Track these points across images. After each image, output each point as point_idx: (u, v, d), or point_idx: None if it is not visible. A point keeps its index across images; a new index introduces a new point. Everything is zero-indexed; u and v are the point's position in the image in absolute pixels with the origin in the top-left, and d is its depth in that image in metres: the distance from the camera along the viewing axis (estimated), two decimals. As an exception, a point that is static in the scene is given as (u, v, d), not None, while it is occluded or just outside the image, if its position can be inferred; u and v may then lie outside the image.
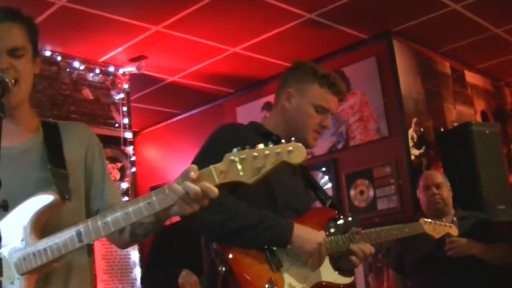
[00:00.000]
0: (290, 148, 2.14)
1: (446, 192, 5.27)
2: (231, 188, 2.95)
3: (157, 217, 2.30)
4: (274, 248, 2.99)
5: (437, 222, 4.20)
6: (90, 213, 2.55)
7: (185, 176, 2.10)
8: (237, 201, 2.96)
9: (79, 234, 2.17)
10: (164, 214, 2.25)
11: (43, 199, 2.25)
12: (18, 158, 2.37)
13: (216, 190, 2.08)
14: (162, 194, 2.12)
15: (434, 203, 5.21)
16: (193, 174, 2.07)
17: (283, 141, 2.19)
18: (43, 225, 2.27)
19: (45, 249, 2.17)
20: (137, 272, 7.17)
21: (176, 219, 5.46)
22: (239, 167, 2.11)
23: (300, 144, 2.18)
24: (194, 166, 2.10)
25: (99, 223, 2.17)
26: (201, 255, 4.81)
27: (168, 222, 2.88)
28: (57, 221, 2.34)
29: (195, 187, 2.06)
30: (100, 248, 6.87)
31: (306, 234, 2.98)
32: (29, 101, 2.53)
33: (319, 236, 3.02)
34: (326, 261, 3.15)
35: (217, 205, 2.87)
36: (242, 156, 2.12)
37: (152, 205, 2.13)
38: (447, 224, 4.28)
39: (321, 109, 3.36)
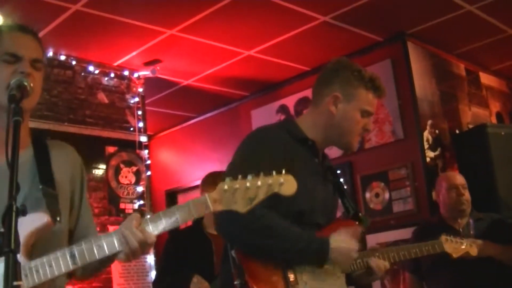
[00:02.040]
0: (282, 180, 2.30)
1: (469, 194, 5.24)
2: None
3: (103, 259, 2.35)
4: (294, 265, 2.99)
5: (459, 240, 4.17)
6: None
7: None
8: (286, 223, 2.96)
9: (73, 256, 2.20)
10: (108, 258, 2.33)
11: (37, 220, 2.26)
12: (7, 175, 2.05)
13: (154, 238, 2.24)
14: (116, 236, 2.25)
15: (460, 203, 5.15)
16: (135, 223, 2.23)
17: (273, 172, 2.31)
18: (32, 245, 2.27)
19: (37, 271, 2.18)
20: (153, 275, 7.18)
21: (190, 223, 5.46)
22: (232, 197, 2.23)
23: (291, 177, 2.33)
24: (137, 215, 2.27)
25: (93, 245, 2.22)
26: (213, 260, 4.81)
27: (181, 227, 2.88)
28: (45, 242, 2.33)
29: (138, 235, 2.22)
30: (116, 251, 6.88)
31: (341, 248, 3.00)
32: (32, 109, 2.54)
33: (352, 244, 3.03)
34: (342, 280, 3.14)
35: (269, 228, 2.91)
36: (235, 187, 2.23)
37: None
38: (468, 243, 4.24)
39: (366, 113, 3.30)
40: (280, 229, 2.94)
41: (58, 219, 2.37)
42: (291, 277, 2.94)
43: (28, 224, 2.21)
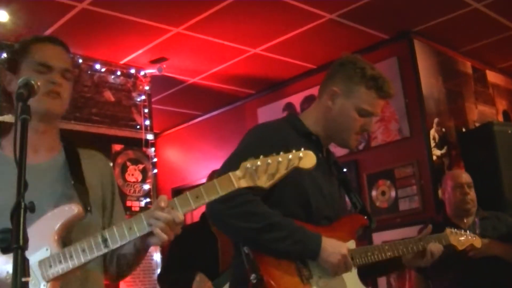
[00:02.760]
0: (301, 154, 2.34)
1: (474, 193, 5.23)
2: (266, 195, 2.94)
3: (136, 247, 2.43)
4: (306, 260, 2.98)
5: (463, 232, 4.16)
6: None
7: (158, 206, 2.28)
8: (271, 211, 2.95)
9: (104, 239, 2.25)
10: (141, 244, 2.39)
11: (68, 210, 2.35)
12: (44, 174, 2.54)
13: (182, 216, 2.25)
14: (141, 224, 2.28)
15: (465, 202, 5.14)
16: (163, 204, 2.26)
17: (293, 151, 2.34)
18: (65, 235, 2.36)
19: (71, 256, 2.24)
20: (159, 273, 7.19)
21: (196, 219, 5.45)
22: (255, 173, 2.28)
23: (310, 152, 2.35)
24: (163, 197, 2.30)
25: (124, 228, 2.26)
26: (218, 257, 4.82)
27: (187, 223, 2.90)
28: (77, 233, 2.42)
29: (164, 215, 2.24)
30: (122, 249, 6.88)
31: (331, 247, 2.95)
32: (61, 115, 2.70)
33: (343, 247, 2.99)
34: (354, 274, 3.13)
35: (252, 214, 2.90)
36: (257, 163, 2.29)
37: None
38: (472, 235, 4.22)
39: (364, 113, 3.24)
40: (275, 218, 2.95)
41: (88, 209, 2.46)
42: (305, 270, 2.94)
43: (60, 215, 2.33)
